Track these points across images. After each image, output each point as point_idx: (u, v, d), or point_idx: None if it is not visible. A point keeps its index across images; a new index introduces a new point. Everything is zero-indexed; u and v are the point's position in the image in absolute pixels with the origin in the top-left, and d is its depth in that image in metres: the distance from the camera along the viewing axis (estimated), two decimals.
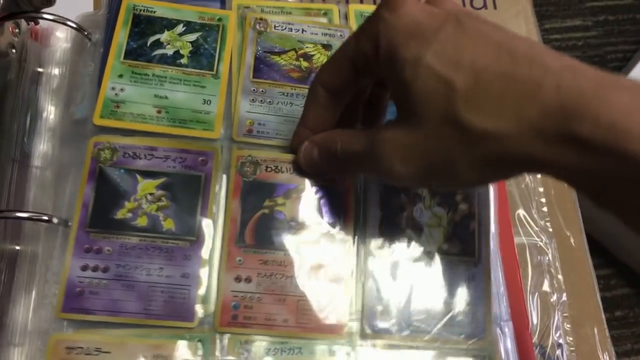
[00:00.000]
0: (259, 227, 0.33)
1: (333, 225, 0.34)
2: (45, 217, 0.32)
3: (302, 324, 0.32)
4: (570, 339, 0.36)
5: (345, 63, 0.29)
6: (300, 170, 0.34)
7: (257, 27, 0.39)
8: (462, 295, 0.33)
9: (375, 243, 0.34)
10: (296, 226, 0.33)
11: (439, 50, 0.25)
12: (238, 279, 0.32)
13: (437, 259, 0.34)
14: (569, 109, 0.22)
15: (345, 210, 0.34)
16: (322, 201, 0.34)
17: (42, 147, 0.36)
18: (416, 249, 0.34)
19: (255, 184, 0.34)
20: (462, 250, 0.34)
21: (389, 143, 0.27)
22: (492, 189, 0.35)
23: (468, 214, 0.35)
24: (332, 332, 0.32)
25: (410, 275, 0.33)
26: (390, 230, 0.34)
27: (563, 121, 0.22)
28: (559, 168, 0.23)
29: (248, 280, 0.32)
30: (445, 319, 0.33)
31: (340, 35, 0.40)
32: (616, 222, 0.23)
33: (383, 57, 0.27)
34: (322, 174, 0.34)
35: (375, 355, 0.32)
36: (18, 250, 0.33)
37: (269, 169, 0.34)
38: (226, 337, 0.31)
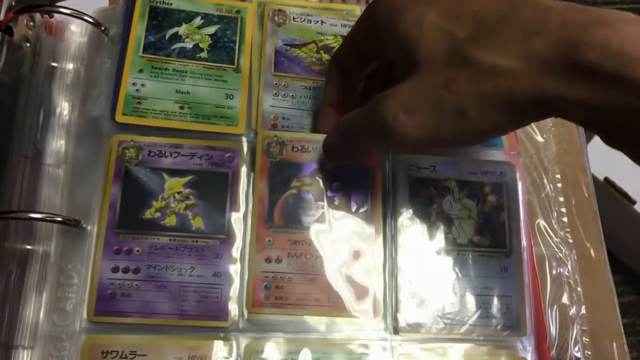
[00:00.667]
0: (287, 207, 0.33)
1: (361, 204, 0.34)
2: (59, 218, 0.31)
3: (334, 302, 0.32)
4: (589, 352, 0.35)
5: (349, 42, 0.32)
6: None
7: (276, 19, 0.38)
8: (496, 286, 0.33)
9: (404, 237, 0.34)
10: (324, 206, 0.33)
11: (440, 9, 0.26)
12: (268, 260, 0.32)
13: (468, 251, 0.34)
14: (577, 39, 0.22)
15: (372, 189, 0.34)
16: (349, 180, 0.34)
17: (56, 144, 0.35)
18: (447, 241, 0.34)
19: (282, 163, 0.34)
20: (493, 242, 0.34)
21: (391, 97, 0.26)
22: (519, 182, 0.35)
23: (497, 205, 0.35)
24: (362, 312, 0.32)
25: (442, 268, 0.33)
26: (420, 223, 0.34)
27: (571, 50, 0.22)
28: (570, 104, 0.22)
29: (278, 260, 0.32)
30: (479, 311, 0.33)
31: None
32: (624, 228, 0.23)
33: (381, 27, 0.28)
34: (336, 155, 0.33)
35: (412, 350, 0.32)
36: (29, 250, 0.32)
37: (295, 149, 0.34)
38: (242, 344, 0.31)
